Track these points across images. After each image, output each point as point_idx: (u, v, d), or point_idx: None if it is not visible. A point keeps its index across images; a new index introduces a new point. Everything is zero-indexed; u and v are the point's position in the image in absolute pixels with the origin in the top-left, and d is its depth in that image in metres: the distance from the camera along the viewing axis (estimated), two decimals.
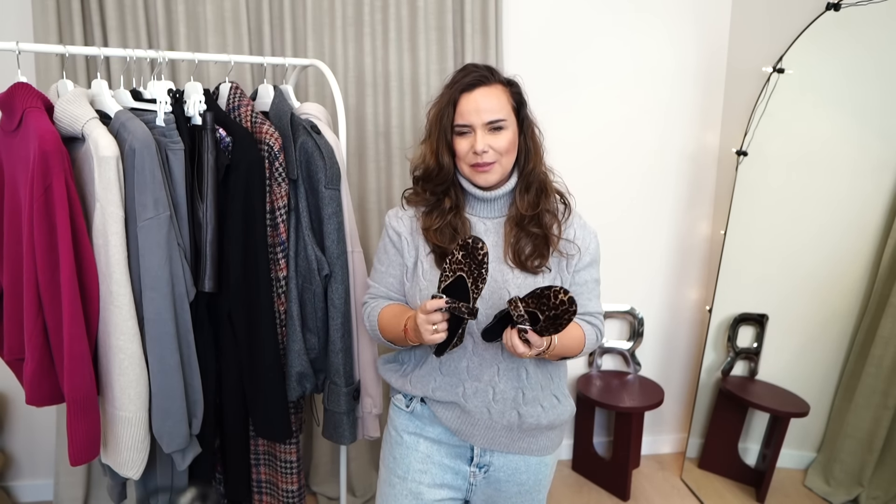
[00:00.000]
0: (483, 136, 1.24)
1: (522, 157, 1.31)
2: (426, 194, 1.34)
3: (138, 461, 1.57)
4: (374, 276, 1.42)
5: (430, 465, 1.35)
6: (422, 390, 1.33)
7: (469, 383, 1.30)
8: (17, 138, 1.48)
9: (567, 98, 2.58)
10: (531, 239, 1.29)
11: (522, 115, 1.30)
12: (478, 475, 1.36)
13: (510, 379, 1.30)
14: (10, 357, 1.58)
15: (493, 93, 1.25)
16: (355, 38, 2.34)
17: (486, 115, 1.24)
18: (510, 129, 1.27)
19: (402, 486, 1.35)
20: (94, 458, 1.55)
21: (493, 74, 1.28)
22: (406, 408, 1.37)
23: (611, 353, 2.86)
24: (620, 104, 2.63)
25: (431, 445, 1.35)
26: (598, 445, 2.83)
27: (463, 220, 1.31)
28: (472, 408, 1.30)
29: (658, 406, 2.58)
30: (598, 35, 2.57)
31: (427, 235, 1.30)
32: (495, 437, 1.32)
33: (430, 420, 1.35)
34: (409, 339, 1.23)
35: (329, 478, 2.56)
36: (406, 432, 1.37)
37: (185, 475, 1.78)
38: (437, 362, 1.31)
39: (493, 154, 1.25)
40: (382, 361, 1.45)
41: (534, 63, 2.53)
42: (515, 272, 1.28)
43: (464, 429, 1.32)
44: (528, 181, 1.31)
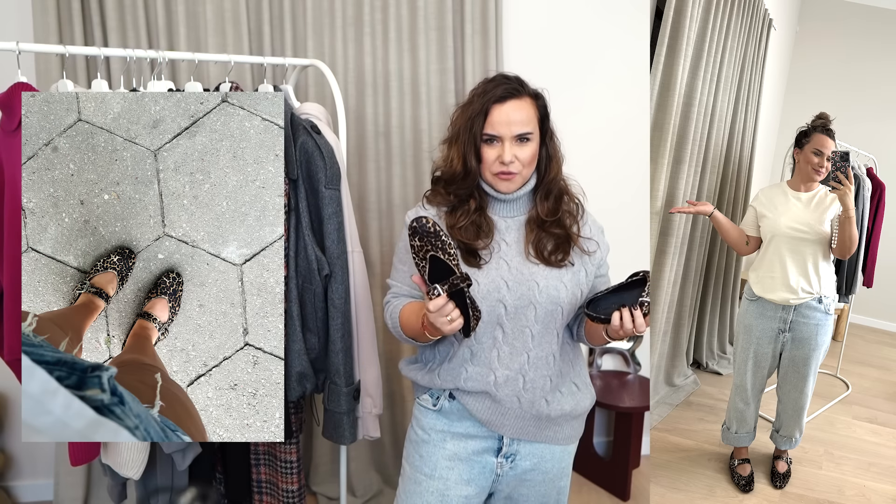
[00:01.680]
0: (511, 147, 1.28)
1: (543, 165, 1.36)
2: (449, 196, 1.37)
3: (138, 461, 1.57)
4: (394, 275, 1.44)
5: (456, 462, 1.37)
6: (452, 382, 1.35)
7: (500, 371, 1.32)
8: (17, 138, 1.48)
9: (567, 98, 2.57)
10: (553, 238, 1.35)
11: (546, 127, 1.35)
12: (504, 465, 1.39)
13: (540, 367, 1.34)
14: (10, 357, 1.59)
15: (523, 106, 1.29)
16: (355, 38, 2.34)
17: (515, 127, 1.28)
18: (535, 140, 1.31)
19: (428, 484, 1.37)
20: (94, 459, 1.56)
21: (523, 87, 1.32)
22: (433, 406, 1.39)
23: (611, 353, 2.86)
24: (620, 103, 2.63)
25: (459, 442, 1.37)
26: (598, 445, 2.83)
27: (487, 219, 1.36)
28: (502, 396, 1.32)
29: None
30: (597, 35, 2.57)
31: (453, 232, 1.34)
32: (525, 427, 1.36)
33: (459, 415, 1.37)
34: (429, 335, 1.26)
35: (329, 478, 2.56)
36: (434, 430, 1.39)
37: (185, 475, 1.78)
38: (467, 353, 1.34)
39: (518, 165, 1.29)
40: (405, 363, 1.48)
41: (533, 63, 2.53)
42: (540, 266, 1.33)
43: (494, 419, 1.35)
44: (549, 188, 1.36)
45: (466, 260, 1.31)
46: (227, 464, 2.01)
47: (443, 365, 1.38)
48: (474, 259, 1.31)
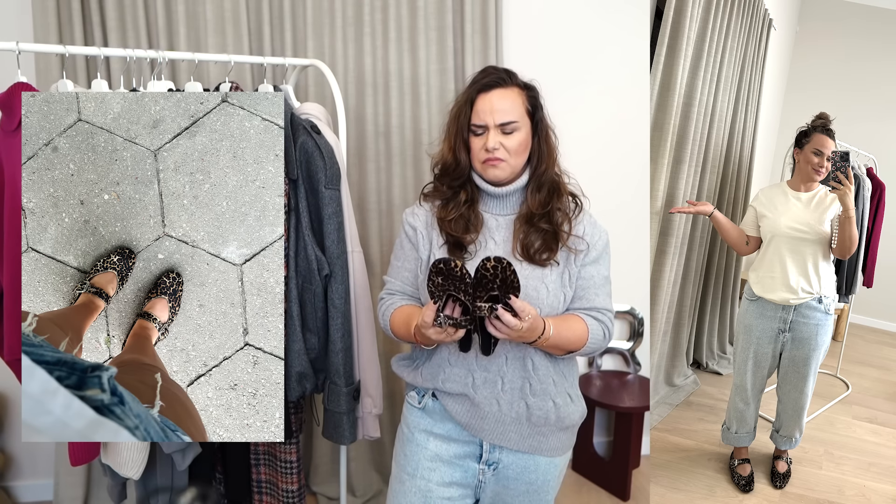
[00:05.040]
0: (495, 135, 1.29)
1: (535, 159, 1.35)
2: (444, 188, 1.38)
3: (138, 461, 1.57)
4: (390, 271, 1.45)
5: (438, 463, 1.36)
6: (432, 382, 1.35)
7: (478, 373, 1.32)
8: (17, 138, 1.48)
9: (567, 97, 2.58)
10: (540, 234, 1.33)
11: (537, 119, 1.34)
12: (487, 473, 1.37)
13: (517, 368, 1.32)
14: (10, 357, 1.59)
15: (508, 95, 1.30)
16: (355, 38, 2.34)
17: (498, 115, 1.28)
18: (523, 130, 1.31)
19: (411, 484, 1.36)
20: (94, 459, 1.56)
21: (510, 77, 1.32)
22: (418, 404, 1.39)
23: (611, 353, 2.86)
24: (620, 103, 2.63)
25: (441, 444, 1.37)
26: (598, 445, 2.83)
27: (476, 214, 1.36)
28: (481, 399, 1.31)
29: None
30: (597, 34, 2.57)
31: (442, 225, 1.35)
32: (505, 432, 1.33)
33: (441, 416, 1.37)
34: (421, 343, 1.29)
35: (329, 478, 2.56)
36: (417, 430, 1.39)
37: (185, 475, 1.78)
38: (446, 353, 1.34)
39: (503, 152, 1.29)
40: (397, 359, 1.48)
41: (534, 63, 2.53)
42: (523, 265, 1.31)
43: (474, 422, 1.33)
44: (540, 182, 1.35)
45: (453, 252, 1.33)
46: (227, 464, 2.01)
47: (426, 363, 1.38)
48: (460, 252, 1.32)
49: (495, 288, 1.12)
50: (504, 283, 1.11)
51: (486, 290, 1.13)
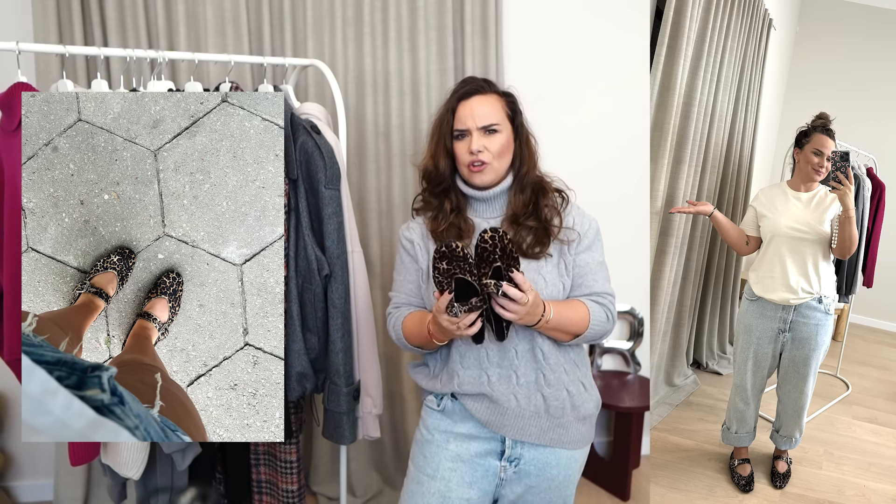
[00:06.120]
0: (479, 137, 1.33)
1: (517, 162, 1.39)
2: (430, 198, 1.42)
3: (138, 461, 1.57)
4: (394, 287, 1.48)
5: (459, 463, 1.37)
6: (450, 387, 1.37)
7: (492, 370, 1.34)
8: (17, 138, 1.48)
9: (567, 97, 2.58)
10: (530, 231, 1.36)
11: (517, 123, 1.39)
12: (508, 469, 1.38)
13: (528, 360, 1.34)
14: (10, 357, 1.59)
15: (488, 101, 1.35)
16: (355, 38, 2.34)
17: (480, 119, 1.33)
18: (504, 133, 1.35)
19: (430, 485, 1.37)
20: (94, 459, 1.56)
21: (489, 85, 1.38)
22: (437, 407, 1.41)
23: (611, 353, 2.86)
24: (620, 103, 2.63)
25: (462, 444, 1.38)
26: (598, 445, 2.83)
27: (466, 220, 1.39)
28: (499, 396, 1.33)
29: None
30: (597, 34, 2.57)
31: (436, 236, 1.38)
32: (525, 426, 1.35)
33: (462, 416, 1.38)
34: (435, 340, 1.30)
35: (329, 478, 2.56)
36: (437, 431, 1.40)
37: (185, 475, 1.78)
38: (457, 357, 1.36)
39: (487, 154, 1.33)
40: (412, 366, 1.50)
41: (533, 63, 2.53)
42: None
43: (494, 419, 1.35)
44: (523, 183, 1.39)
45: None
46: (227, 464, 2.01)
47: (443, 369, 1.40)
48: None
49: (496, 258, 1.15)
50: (504, 252, 1.14)
51: (489, 263, 1.15)
